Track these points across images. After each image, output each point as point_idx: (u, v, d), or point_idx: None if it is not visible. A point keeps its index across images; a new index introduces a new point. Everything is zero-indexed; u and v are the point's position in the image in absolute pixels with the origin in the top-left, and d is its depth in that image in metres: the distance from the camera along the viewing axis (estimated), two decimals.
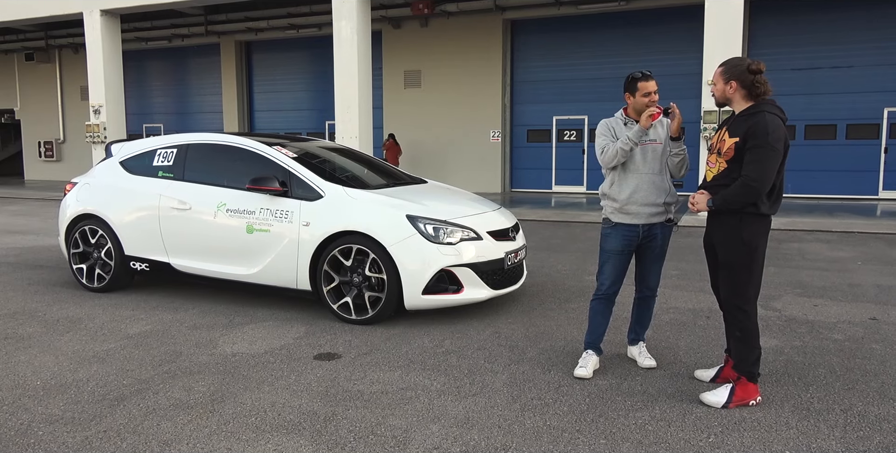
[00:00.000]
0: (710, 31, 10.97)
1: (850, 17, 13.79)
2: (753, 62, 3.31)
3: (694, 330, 4.78)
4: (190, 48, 20.54)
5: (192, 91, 21.14)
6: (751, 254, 3.32)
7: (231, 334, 4.71)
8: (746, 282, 3.35)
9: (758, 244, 3.33)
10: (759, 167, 3.19)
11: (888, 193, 14.15)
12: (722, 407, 3.38)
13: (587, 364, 3.83)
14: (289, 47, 19.36)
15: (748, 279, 3.34)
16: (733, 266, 3.36)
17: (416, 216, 4.85)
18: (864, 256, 7.73)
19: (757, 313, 3.42)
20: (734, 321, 3.43)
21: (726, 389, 3.44)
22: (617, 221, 3.78)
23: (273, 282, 5.19)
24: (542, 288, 6.13)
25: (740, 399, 3.40)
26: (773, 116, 3.25)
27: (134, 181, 5.86)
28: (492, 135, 16.83)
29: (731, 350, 3.54)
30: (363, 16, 13.25)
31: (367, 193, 5.13)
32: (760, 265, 3.38)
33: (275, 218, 5.09)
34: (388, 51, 17.62)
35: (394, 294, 4.76)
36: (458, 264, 4.79)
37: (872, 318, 5.06)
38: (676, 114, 3.68)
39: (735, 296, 3.38)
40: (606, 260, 3.83)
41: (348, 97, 13.27)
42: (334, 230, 4.89)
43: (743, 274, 3.34)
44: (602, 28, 15.78)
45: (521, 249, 5.34)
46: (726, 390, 3.43)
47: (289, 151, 5.43)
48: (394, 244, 4.73)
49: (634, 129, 3.66)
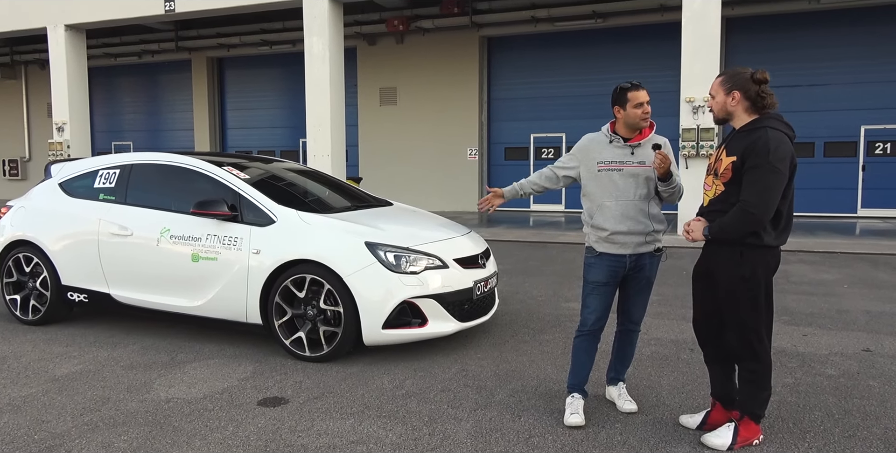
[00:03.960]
0: (688, 48, 10.80)
1: (827, 35, 13.76)
2: (758, 71, 2.97)
3: (677, 365, 4.41)
4: (160, 64, 20.07)
5: (162, 108, 20.63)
6: (753, 290, 2.96)
7: (170, 375, 4.25)
8: (754, 321, 2.99)
9: (761, 279, 2.97)
10: (758, 191, 2.84)
11: (866, 211, 14.03)
12: (728, 449, 3.06)
13: (578, 409, 3.43)
14: (262, 64, 18.98)
15: (756, 317, 2.99)
16: (736, 305, 3.00)
17: (377, 243, 4.45)
18: (849, 279, 7.46)
19: (769, 352, 3.06)
20: (744, 363, 3.07)
21: (729, 429, 3.11)
22: (602, 251, 3.42)
23: (221, 315, 4.75)
24: (516, 316, 5.74)
25: (745, 439, 3.10)
26: (777, 133, 2.91)
27: (73, 204, 5.40)
28: (469, 152, 16.54)
29: (739, 389, 3.17)
30: (335, 32, 12.94)
31: (324, 218, 4.73)
32: (769, 299, 3.02)
33: (222, 245, 4.67)
34: (362, 67, 17.32)
35: (351, 328, 4.34)
36: (422, 295, 4.39)
37: (866, 350, 4.74)
38: (664, 155, 3.23)
39: (743, 336, 3.03)
40: (590, 292, 3.46)
41: (320, 114, 12.90)
42: (286, 258, 4.47)
43: (749, 312, 2.99)
44: (579, 45, 15.63)
45: (491, 277, 4.96)
46: (730, 431, 3.10)
47: (240, 172, 5.02)
48: (351, 274, 4.32)
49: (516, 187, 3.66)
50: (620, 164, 3.38)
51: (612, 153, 3.40)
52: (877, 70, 13.62)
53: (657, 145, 3.30)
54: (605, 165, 3.40)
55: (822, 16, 13.73)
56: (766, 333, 3.03)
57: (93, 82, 19.67)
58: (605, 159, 3.41)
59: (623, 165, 3.38)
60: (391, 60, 17.02)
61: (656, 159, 3.25)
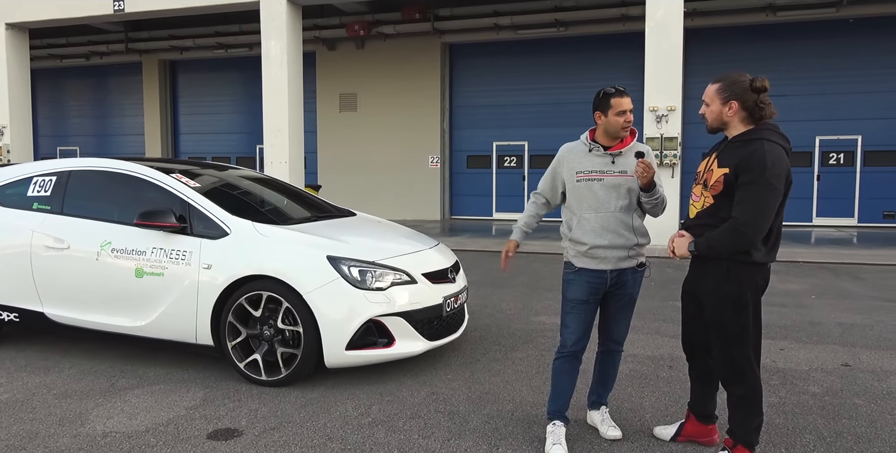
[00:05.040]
0: (651, 58, 10.77)
1: (783, 47, 13.98)
2: (757, 78, 2.78)
3: (657, 384, 4.20)
4: (110, 67, 19.29)
5: (111, 112, 19.82)
6: (741, 310, 2.76)
7: (109, 404, 3.84)
8: (741, 342, 2.79)
9: (749, 299, 2.77)
10: (752, 209, 2.64)
11: (821, 220, 14.27)
12: None
13: (560, 438, 3.17)
14: (217, 67, 18.40)
15: (743, 338, 2.78)
16: (723, 325, 2.80)
17: (339, 257, 4.13)
18: (816, 289, 7.43)
19: (759, 376, 2.86)
20: (731, 387, 2.86)
21: None
22: (580, 266, 3.18)
23: (168, 336, 4.35)
24: (486, 332, 5.48)
25: None
26: (774, 146, 2.72)
27: (3, 214, 4.92)
28: (431, 160, 16.28)
29: (729, 415, 2.97)
30: (294, 35, 12.56)
31: (282, 230, 4.39)
32: (757, 320, 2.82)
33: (169, 259, 4.28)
34: (322, 73, 16.93)
35: (312, 350, 4.00)
36: (388, 313, 4.08)
37: (845, 364, 4.62)
38: (647, 164, 3.03)
39: (731, 358, 2.82)
40: (570, 310, 3.21)
41: (277, 120, 12.48)
42: (240, 274, 4.11)
43: (736, 333, 2.78)
44: (541, 53, 15.56)
45: (461, 292, 4.69)
46: None
47: (189, 180, 4.64)
48: (312, 291, 3.99)
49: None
50: (601, 174, 3.16)
51: (591, 162, 3.19)
52: (831, 82, 13.90)
53: (640, 153, 3.11)
54: (584, 175, 3.18)
55: (779, 28, 13.96)
56: (754, 356, 2.83)
57: (37, 84, 18.80)
58: (585, 169, 3.19)
59: (603, 175, 3.16)
60: (351, 66, 16.68)
61: (638, 168, 3.05)
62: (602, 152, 3.18)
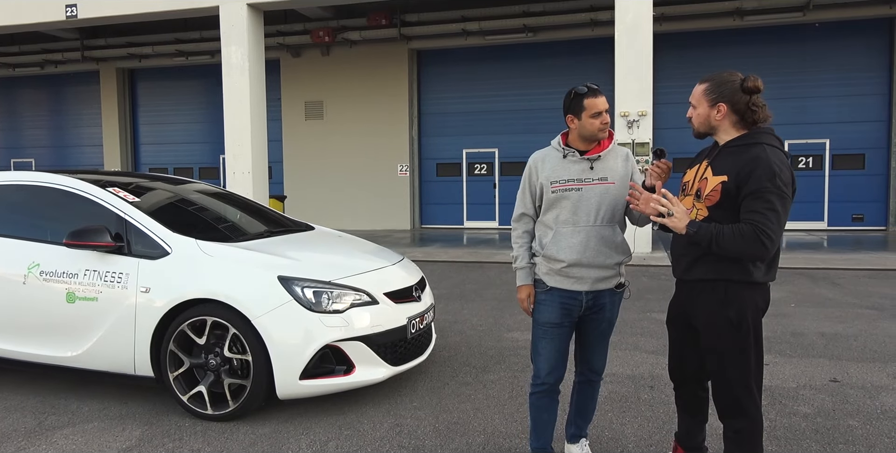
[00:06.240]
0: (622, 62, 10.60)
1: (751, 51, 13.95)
2: (749, 77, 2.49)
3: (638, 407, 3.91)
4: (66, 75, 18.61)
5: (68, 122, 19.11)
6: (743, 336, 2.47)
7: (34, 447, 3.41)
8: (742, 371, 2.49)
9: (751, 323, 2.48)
10: (775, 219, 2.33)
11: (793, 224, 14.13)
12: None
13: None
14: (178, 76, 17.85)
15: (745, 367, 2.49)
16: (722, 353, 2.50)
17: (293, 277, 3.77)
18: (794, 296, 7.25)
19: (760, 407, 2.56)
20: (729, 420, 2.56)
21: None
22: (553, 286, 2.86)
23: (103, 367, 3.94)
24: (455, 351, 5.14)
25: None
26: (777, 151, 2.44)
27: None
28: (400, 168, 15.94)
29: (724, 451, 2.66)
30: (255, 41, 12.16)
31: (229, 248, 4.01)
32: (758, 346, 2.53)
33: (104, 282, 3.87)
34: (287, 80, 16.51)
35: (262, 380, 3.63)
36: (347, 338, 3.73)
37: (833, 380, 4.38)
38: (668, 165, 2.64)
39: (730, 390, 2.52)
40: (542, 335, 2.89)
41: (239, 129, 12.05)
42: (182, 298, 3.73)
43: (736, 361, 2.49)
44: (511, 59, 15.36)
45: (427, 311, 4.35)
46: None
47: (128, 195, 4.24)
48: (261, 315, 3.62)
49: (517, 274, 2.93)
50: (579, 183, 2.81)
51: (567, 170, 2.84)
52: (799, 86, 13.92)
53: (660, 151, 2.65)
54: (560, 185, 2.82)
55: (747, 33, 13.95)
56: (756, 386, 2.54)
57: None
58: (561, 178, 2.83)
59: (582, 183, 2.81)
60: (317, 73, 16.30)
61: (657, 169, 2.63)
62: (578, 157, 2.83)
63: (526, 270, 2.93)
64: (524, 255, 2.93)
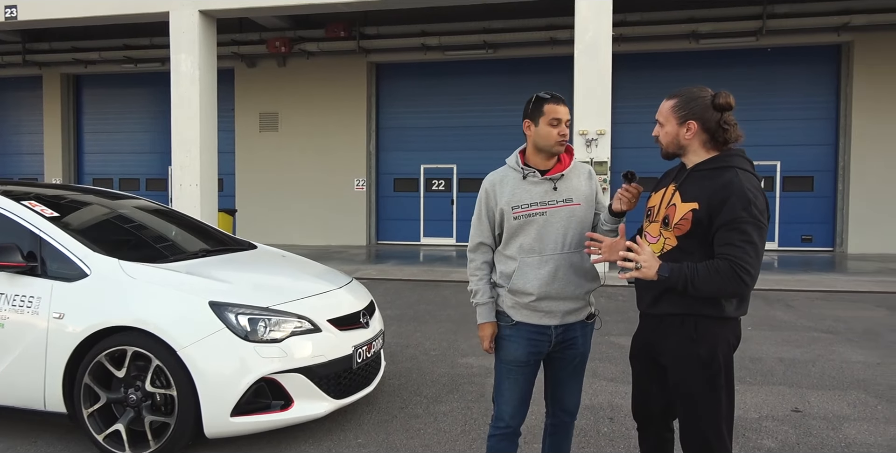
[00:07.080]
0: (580, 81, 10.55)
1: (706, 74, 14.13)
2: (720, 93, 2.31)
3: (598, 442, 3.69)
4: (6, 80, 17.76)
5: (7, 129, 18.21)
6: (714, 375, 2.26)
7: None
8: (712, 413, 2.28)
9: (721, 361, 2.28)
10: (753, 252, 2.14)
11: None
12: None
13: None
14: (126, 83, 17.21)
15: (715, 409, 2.28)
16: (691, 393, 2.29)
17: (225, 303, 3.44)
18: (750, 319, 7.17)
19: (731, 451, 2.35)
20: None
21: None
22: (519, 320, 2.59)
23: (10, 402, 3.52)
24: (406, 379, 4.85)
25: None
26: (750, 176, 2.27)
27: None
28: (356, 183, 15.62)
29: None
30: (207, 49, 11.75)
31: (157, 269, 3.66)
32: (730, 386, 2.32)
33: (12, 307, 3.48)
34: (241, 91, 16.06)
35: (188, 417, 3.28)
36: (285, 370, 3.41)
37: (795, 410, 4.25)
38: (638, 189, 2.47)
39: (698, 432, 2.30)
40: (507, 375, 2.62)
41: (188, 139, 11.57)
42: (100, 325, 3.36)
43: (706, 402, 2.28)
44: (470, 75, 15.27)
45: (376, 338, 4.06)
46: None
47: (46, 209, 3.85)
48: (189, 345, 3.28)
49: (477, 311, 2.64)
50: (543, 206, 2.56)
51: (528, 193, 2.58)
52: (751, 108, 14.14)
53: (630, 175, 2.44)
54: (523, 210, 2.55)
55: (703, 56, 14.16)
56: (727, 430, 2.33)
57: None
58: (523, 202, 2.56)
59: (546, 207, 2.56)
60: (273, 84, 15.90)
61: (628, 193, 2.44)
62: (540, 178, 2.58)
63: (488, 306, 2.64)
64: (485, 289, 2.65)
